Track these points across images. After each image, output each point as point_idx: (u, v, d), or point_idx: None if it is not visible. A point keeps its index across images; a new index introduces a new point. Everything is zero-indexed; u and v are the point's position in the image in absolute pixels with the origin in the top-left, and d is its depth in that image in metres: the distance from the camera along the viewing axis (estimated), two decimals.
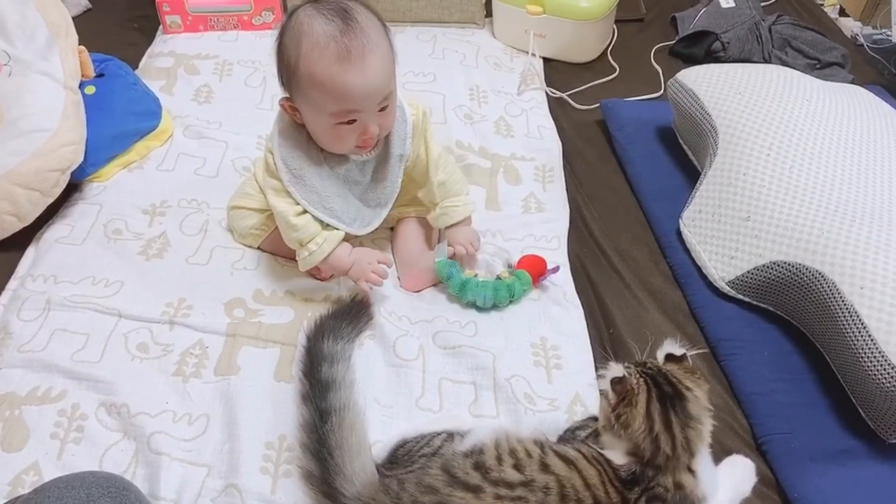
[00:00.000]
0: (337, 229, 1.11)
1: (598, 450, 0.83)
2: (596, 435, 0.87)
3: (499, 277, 1.19)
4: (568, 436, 0.96)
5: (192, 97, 1.56)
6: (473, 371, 1.08)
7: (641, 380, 0.83)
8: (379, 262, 1.12)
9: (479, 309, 1.16)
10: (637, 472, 0.79)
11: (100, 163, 1.33)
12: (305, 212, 1.08)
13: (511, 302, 1.17)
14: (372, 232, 1.22)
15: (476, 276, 1.19)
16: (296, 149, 1.07)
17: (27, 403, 0.98)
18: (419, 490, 0.78)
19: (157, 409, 0.99)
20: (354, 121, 1.02)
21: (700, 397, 0.83)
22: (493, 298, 1.14)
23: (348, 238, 1.15)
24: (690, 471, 0.80)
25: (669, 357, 0.87)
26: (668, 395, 0.81)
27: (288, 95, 1.05)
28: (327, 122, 1.02)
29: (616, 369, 0.84)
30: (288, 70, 1.00)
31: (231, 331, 1.09)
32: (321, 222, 1.09)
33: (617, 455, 0.81)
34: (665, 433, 0.79)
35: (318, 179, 1.08)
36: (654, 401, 0.81)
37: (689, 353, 0.87)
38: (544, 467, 0.78)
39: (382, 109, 1.03)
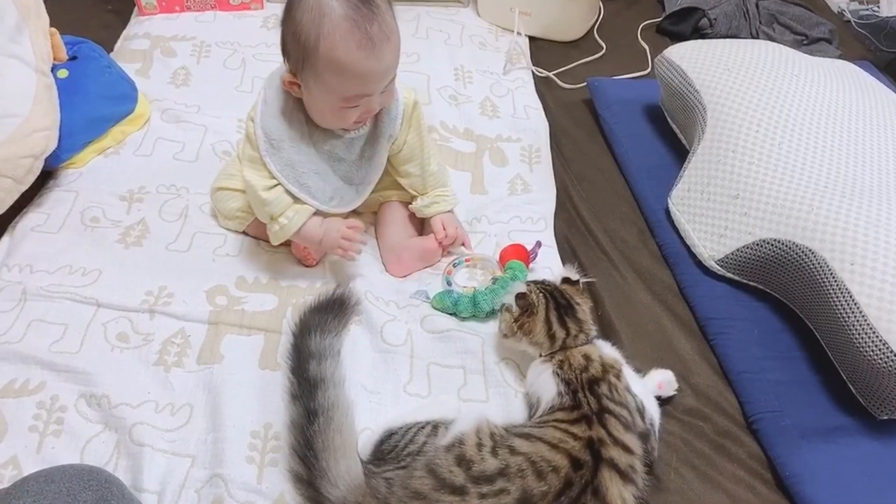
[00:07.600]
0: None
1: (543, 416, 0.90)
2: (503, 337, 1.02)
3: (494, 279, 1.15)
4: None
5: (169, 80, 1.52)
6: (462, 355, 1.06)
7: (541, 294, 1.00)
8: (348, 228, 1.09)
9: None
10: (571, 393, 0.89)
11: (75, 149, 1.29)
12: (277, 185, 1.06)
13: None
14: (356, 215, 1.20)
15: (474, 289, 1.15)
16: (279, 119, 1.05)
17: (4, 396, 0.96)
18: (407, 495, 0.77)
19: (139, 399, 0.97)
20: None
21: (586, 310, 1.01)
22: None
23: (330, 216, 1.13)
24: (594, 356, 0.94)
25: (565, 280, 1.04)
26: (562, 305, 1.00)
27: (292, 70, 1.01)
28: (336, 104, 1.01)
29: (519, 286, 1.00)
30: (303, 49, 0.96)
31: (213, 319, 1.07)
32: (293, 196, 1.08)
33: (544, 390, 0.92)
34: (561, 329, 0.98)
35: (297, 154, 1.06)
36: (551, 310, 0.99)
37: (581, 281, 1.06)
38: (511, 450, 0.80)
39: (385, 89, 1.03)
